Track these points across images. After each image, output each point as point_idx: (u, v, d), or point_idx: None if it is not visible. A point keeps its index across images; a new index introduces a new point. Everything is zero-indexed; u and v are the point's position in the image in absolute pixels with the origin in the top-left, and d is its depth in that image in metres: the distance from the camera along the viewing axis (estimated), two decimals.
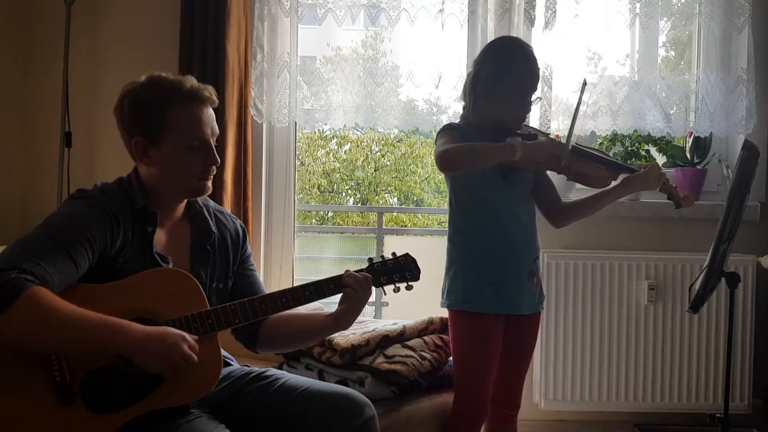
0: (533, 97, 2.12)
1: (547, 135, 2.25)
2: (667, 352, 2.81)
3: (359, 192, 8.62)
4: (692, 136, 2.92)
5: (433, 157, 2.17)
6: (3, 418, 1.45)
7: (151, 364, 1.47)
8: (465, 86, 2.17)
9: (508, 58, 2.09)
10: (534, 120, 2.75)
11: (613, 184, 2.22)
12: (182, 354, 1.48)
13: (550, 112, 2.81)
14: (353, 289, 1.67)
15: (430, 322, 2.39)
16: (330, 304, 1.89)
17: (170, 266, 1.65)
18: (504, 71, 2.06)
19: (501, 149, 1.96)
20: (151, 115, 1.62)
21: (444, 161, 2.02)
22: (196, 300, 1.60)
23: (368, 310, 4.05)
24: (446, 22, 2.81)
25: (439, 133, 2.13)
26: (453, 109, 2.91)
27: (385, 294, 1.76)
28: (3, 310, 1.37)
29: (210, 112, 1.69)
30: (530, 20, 2.78)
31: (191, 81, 1.66)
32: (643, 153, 2.97)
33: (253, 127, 2.86)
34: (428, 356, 2.26)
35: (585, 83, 2.13)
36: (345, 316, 1.71)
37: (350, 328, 2.28)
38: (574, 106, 2.15)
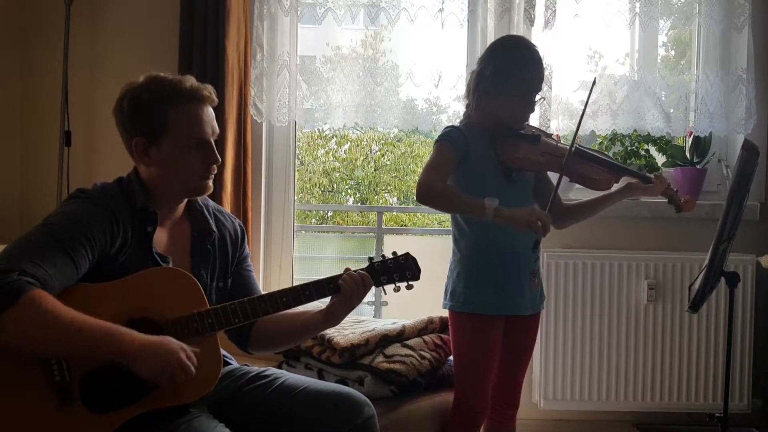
0: (537, 97, 2.11)
1: (549, 135, 2.25)
2: (666, 351, 2.81)
3: (359, 191, 8.61)
4: (692, 136, 2.92)
5: None
6: (3, 418, 1.45)
7: (147, 374, 1.46)
8: (468, 84, 2.16)
9: (513, 58, 2.08)
10: (534, 119, 2.75)
11: (615, 186, 2.22)
12: (180, 363, 1.47)
13: (549, 112, 2.81)
14: (346, 288, 1.68)
15: (430, 321, 2.39)
16: None
17: (170, 266, 1.65)
18: (509, 71, 2.05)
19: (473, 207, 1.94)
20: (150, 116, 1.62)
21: (418, 195, 2.01)
22: (195, 299, 1.60)
23: (368, 310, 4.05)
24: (446, 21, 2.81)
25: (435, 142, 2.11)
26: (453, 109, 2.91)
27: (385, 293, 1.76)
28: (3, 311, 1.36)
29: (210, 111, 1.69)
30: (530, 20, 2.78)
31: (190, 80, 1.66)
32: (643, 152, 2.97)
33: (253, 127, 2.85)
34: (428, 356, 2.26)
35: (595, 82, 2.13)
36: (336, 313, 1.71)
37: (350, 327, 2.31)
38: (574, 105, 2.16)
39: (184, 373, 1.47)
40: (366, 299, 1.78)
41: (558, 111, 2.86)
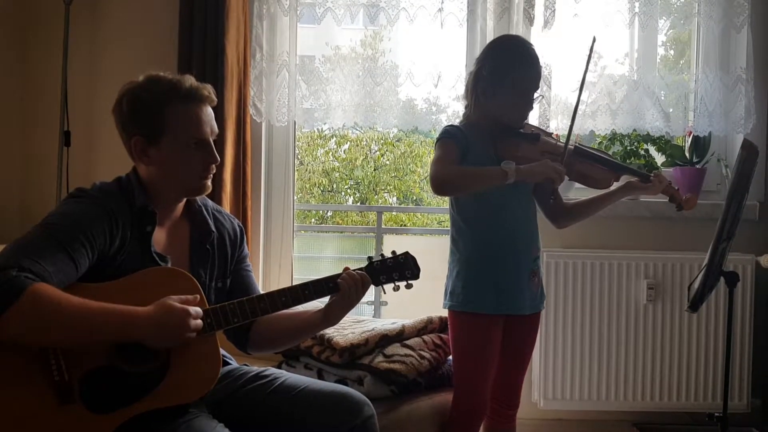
0: (535, 95, 2.11)
1: (549, 134, 2.25)
2: (666, 351, 2.81)
3: (358, 191, 8.61)
4: (691, 136, 2.92)
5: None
6: (2, 418, 1.45)
7: (160, 344, 1.51)
8: (467, 84, 2.16)
9: (510, 57, 2.08)
10: (533, 118, 2.75)
11: (615, 185, 2.22)
12: (189, 328, 1.51)
13: (549, 111, 2.81)
14: (345, 287, 1.68)
15: (429, 321, 2.39)
16: None
17: (169, 265, 1.65)
18: (506, 70, 2.05)
19: (493, 175, 1.98)
20: (150, 115, 1.62)
21: (436, 186, 2.03)
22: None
23: (367, 310, 4.04)
24: (445, 21, 2.81)
25: (437, 141, 2.11)
26: (452, 109, 2.91)
27: (385, 293, 1.76)
28: (5, 308, 1.37)
29: (209, 111, 1.69)
30: (529, 19, 2.78)
31: (190, 80, 1.66)
32: (642, 152, 2.97)
33: (253, 127, 2.85)
34: (427, 355, 2.26)
35: (594, 40, 2.11)
36: (335, 313, 1.71)
37: (350, 327, 2.31)
38: (574, 104, 2.15)
39: (194, 333, 1.52)
40: (365, 299, 1.78)
41: (557, 110, 2.86)
